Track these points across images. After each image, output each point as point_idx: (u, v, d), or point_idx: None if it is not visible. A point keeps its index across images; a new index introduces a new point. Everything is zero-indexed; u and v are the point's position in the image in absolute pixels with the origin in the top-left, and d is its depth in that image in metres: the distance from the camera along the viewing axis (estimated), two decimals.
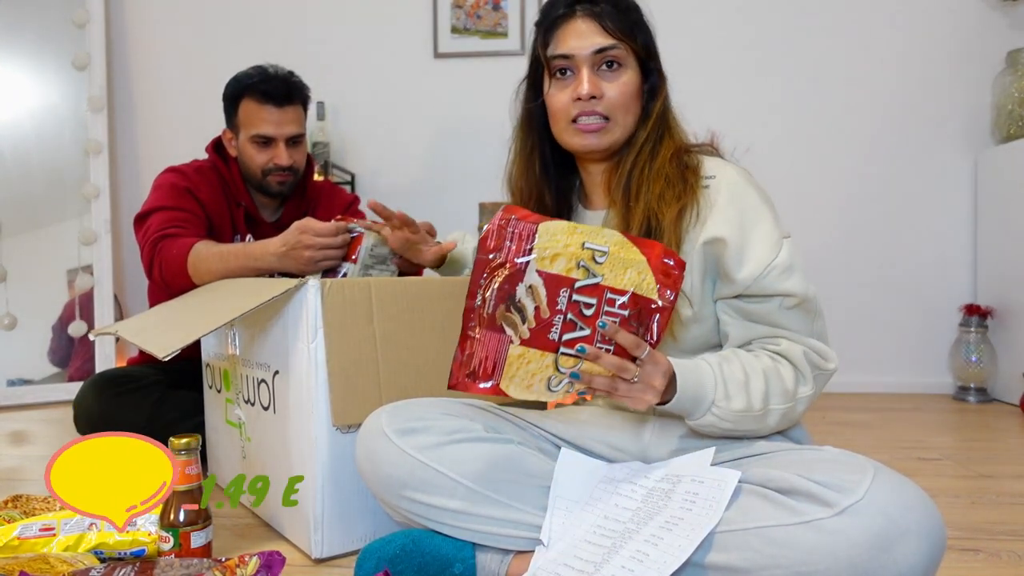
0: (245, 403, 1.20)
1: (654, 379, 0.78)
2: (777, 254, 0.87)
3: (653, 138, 0.95)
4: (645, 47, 0.95)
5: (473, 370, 0.77)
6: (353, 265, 1.25)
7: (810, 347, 0.88)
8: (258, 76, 1.53)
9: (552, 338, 0.77)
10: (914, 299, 2.42)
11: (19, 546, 0.92)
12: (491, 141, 2.54)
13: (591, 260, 0.76)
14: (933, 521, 0.69)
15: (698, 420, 0.83)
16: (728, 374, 0.83)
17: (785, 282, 0.86)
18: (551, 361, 0.77)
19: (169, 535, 0.92)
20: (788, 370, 0.86)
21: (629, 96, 0.93)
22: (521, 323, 0.76)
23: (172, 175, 1.55)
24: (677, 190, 0.90)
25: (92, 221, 2.39)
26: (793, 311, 0.87)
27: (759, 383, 0.83)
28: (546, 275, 0.76)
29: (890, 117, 2.40)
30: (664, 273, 0.78)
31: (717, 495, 0.75)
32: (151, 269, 1.43)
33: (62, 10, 2.39)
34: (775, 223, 0.90)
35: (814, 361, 0.87)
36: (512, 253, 0.76)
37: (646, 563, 0.72)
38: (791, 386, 0.85)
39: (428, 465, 0.86)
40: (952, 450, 1.66)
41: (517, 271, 0.76)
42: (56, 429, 1.93)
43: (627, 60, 0.93)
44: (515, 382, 0.78)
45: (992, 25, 2.35)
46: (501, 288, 0.75)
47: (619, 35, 0.92)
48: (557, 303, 0.76)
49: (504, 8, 2.47)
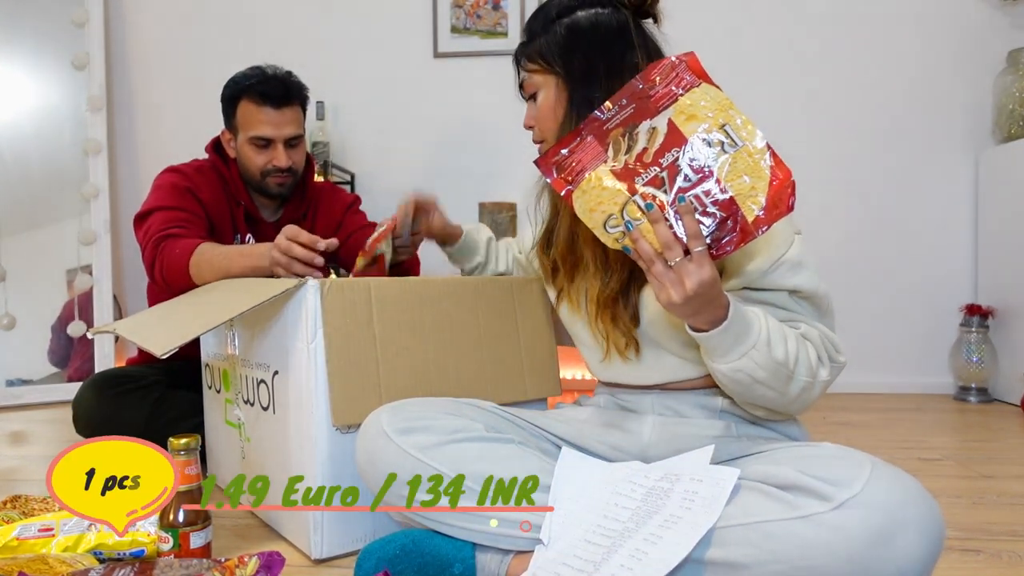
0: (245, 403, 1.20)
1: (688, 279, 0.75)
2: (787, 249, 0.87)
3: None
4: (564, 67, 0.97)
5: (561, 164, 0.80)
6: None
7: (824, 334, 0.88)
8: (256, 77, 1.52)
9: (637, 183, 0.78)
10: (915, 299, 2.42)
11: (18, 547, 0.92)
12: (491, 141, 2.55)
13: (719, 142, 0.75)
14: (931, 515, 0.69)
15: (734, 362, 0.81)
16: (773, 324, 0.82)
17: (793, 278, 0.87)
18: (622, 201, 0.78)
19: (168, 535, 0.92)
20: (811, 347, 0.86)
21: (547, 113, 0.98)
22: (624, 152, 0.78)
23: (172, 175, 1.54)
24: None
25: (91, 221, 2.39)
26: (803, 302, 0.89)
27: (793, 344, 0.83)
28: (673, 127, 0.76)
29: (891, 117, 2.40)
30: (775, 204, 0.75)
31: (716, 494, 0.75)
32: (152, 269, 1.42)
33: (61, 10, 2.39)
34: (787, 219, 0.89)
35: (828, 348, 0.87)
36: (661, 92, 0.76)
37: (645, 562, 0.71)
38: (814, 362, 0.84)
39: (428, 464, 0.86)
40: (953, 450, 1.66)
41: (653, 108, 0.77)
42: (55, 429, 1.93)
43: (539, 84, 0.99)
44: (584, 198, 0.79)
45: (993, 25, 2.35)
46: (632, 115, 0.77)
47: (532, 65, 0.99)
48: (663, 157, 0.77)
49: (504, 8, 2.47)
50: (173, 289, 1.39)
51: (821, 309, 0.90)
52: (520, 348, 1.19)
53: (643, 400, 1.00)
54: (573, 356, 2.56)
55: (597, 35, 0.96)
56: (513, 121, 2.49)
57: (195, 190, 1.52)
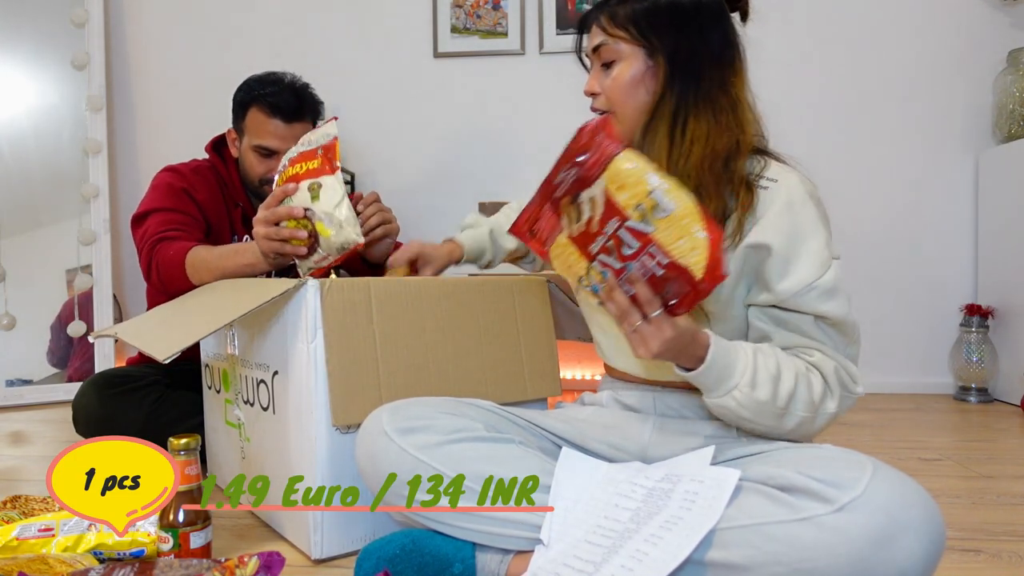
0: (244, 403, 1.20)
1: (652, 340, 0.77)
2: (822, 274, 0.85)
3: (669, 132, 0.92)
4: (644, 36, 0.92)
5: (533, 230, 0.83)
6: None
7: (842, 365, 0.87)
8: (272, 86, 1.51)
9: (592, 250, 0.80)
10: (915, 299, 2.41)
11: (18, 547, 0.92)
12: (491, 141, 2.55)
13: (651, 209, 0.75)
14: (932, 517, 0.69)
15: (718, 399, 0.83)
16: (760, 363, 0.82)
17: (824, 304, 0.85)
18: (584, 266, 0.81)
19: (168, 536, 0.91)
20: (818, 381, 0.85)
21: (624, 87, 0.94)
22: (575, 221, 0.79)
23: (169, 175, 1.54)
24: (710, 196, 0.87)
25: (91, 221, 2.39)
26: (830, 329, 0.87)
27: (788, 382, 0.83)
28: (607, 197, 0.77)
29: (891, 116, 2.40)
30: (715, 264, 0.75)
31: (717, 495, 0.75)
32: (148, 272, 1.42)
33: (61, 9, 2.39)
34: (827, 242, 0.88)
35: (843, 380, 0.87)
36: (591, 161, 0.77)
37: (645, 563, 0.71)
38: (818, 397, 0.84)
39: (429, 464, 0.85)
40: (953, 450, 1.65)
41: (588, 178, 0.77)
42: (55, 429, 1.93)
43: (623, 53, 0.94)
44: (558, 261, 0.84)
45: (993, 25, 2.35)
46: (575, 183, 0.78)
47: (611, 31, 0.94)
48: (606, 226, 0.78)
49: (504, 8, 2.47)
50: (170, 291, 1.39)
51: (847, 338, 0.88)
52: (520, 348, 1.19)
53: (645, 399, 1.00)
54: (573, 356, 2.56)
55: (702, 18, 0.92)
56: (513, 121, 2.50)
57: (191, 191, 1.51)
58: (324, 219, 1.18)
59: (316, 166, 1.21)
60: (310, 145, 1.24)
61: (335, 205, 1.17)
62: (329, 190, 1.18)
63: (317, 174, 1.20)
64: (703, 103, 0.91)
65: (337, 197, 1.17)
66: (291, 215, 1.19)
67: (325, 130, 1.23)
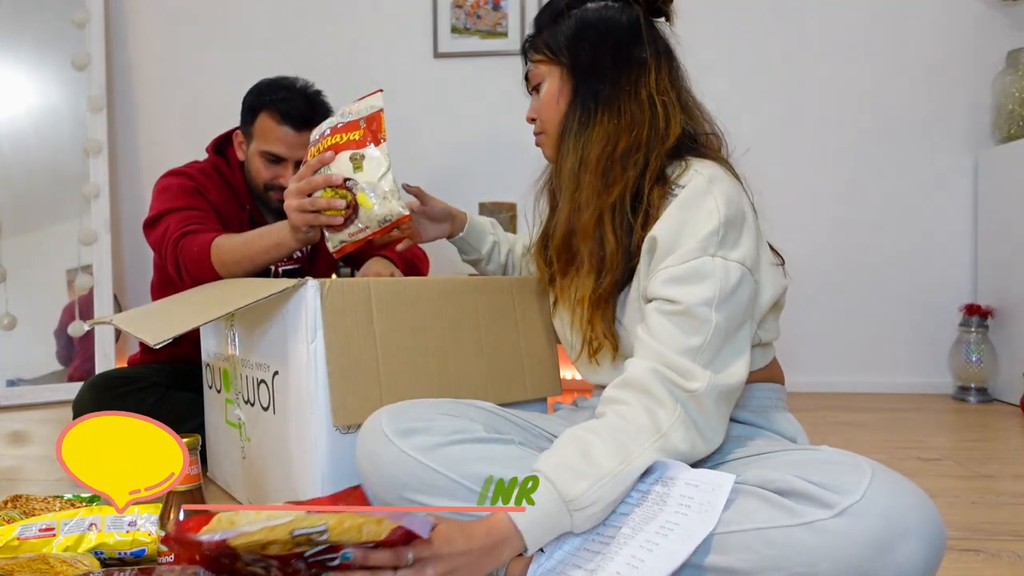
0: (245, 403, 1.20)
1: (428, 568, 0.70)
2: (692, 259, 0.82)
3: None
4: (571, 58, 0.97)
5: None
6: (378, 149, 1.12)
7: (666, 363, 0.80)
8: (283, 92, 1.49)
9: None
10: (914, 299, 2.42)
11: (19, 546, 0.92)
12: (491, 141, 2.55)
13: (308, 541, 0.65)
14: (933, 521, 0.69)
15: (579, 525, 0.76)
16: (563, 461, 0.77)
17: (670, 288, 0.82)
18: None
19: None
20: (634, 407, 0.80)
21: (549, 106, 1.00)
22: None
23: (178, 177, 1.52)
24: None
25: (92, 221, 2.39)
26: (668, 318, 0.82)
27: (603, 447, 0.77)
28: (268, 556, 0.66)
29: (890, 117, 2.40)
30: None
31: (712, 499, 0.75)
32: (175, 269, 1.37)
33: (62, 10, 2.39)
34: (712, 238, 0.82)
35: (667, 377, 0.80)
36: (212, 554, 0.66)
37: (641, 569, 0.71)
38: (646, 420, 0.79)
39: (428, 466, 0.86)
40: (952, 450, 1.66)
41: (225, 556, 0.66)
42: (56, 429, 1.93)
43: (543, 74, 1.00)
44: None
45: (992, 25, 2.35)
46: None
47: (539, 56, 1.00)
48: (291, 564, 0.68)
49: (504, 8, 2.47)
50: (198, 284, 1.35)
51: (688, 330, 0.81)
52: (520, 348, 1.19)
53: None
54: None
55: (605, 28, 0.96)
56: (513, 121, 2.49)
57: (203, 191, 1.50)
58: (367, 189, 1.11)
59: (358, 137, 1.13)
60: (351, 116, 1.16)
61: (380, 176, 1.11)
62: (373, 161, 1.11)
63: (359, 145, 1.12)
64: (604, 106, 0.95)
65: (383, 169, 1.11)
66: (329, 182, 1.11)
67: (369, 102, 1.16)
